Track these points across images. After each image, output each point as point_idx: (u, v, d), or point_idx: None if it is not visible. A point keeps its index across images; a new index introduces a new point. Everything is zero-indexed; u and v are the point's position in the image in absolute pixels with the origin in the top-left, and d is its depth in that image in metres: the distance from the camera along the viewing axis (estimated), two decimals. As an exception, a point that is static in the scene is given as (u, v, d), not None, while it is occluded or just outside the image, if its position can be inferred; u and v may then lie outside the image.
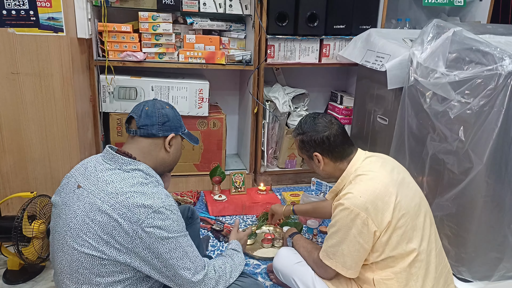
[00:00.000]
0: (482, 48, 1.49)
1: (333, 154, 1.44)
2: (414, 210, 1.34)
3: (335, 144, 1.42)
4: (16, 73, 1.90)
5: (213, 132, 2.58)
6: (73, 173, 1.24)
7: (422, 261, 1.33)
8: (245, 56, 2.49)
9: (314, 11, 2.47)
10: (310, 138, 1.44)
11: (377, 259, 1.34)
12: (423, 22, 2.86)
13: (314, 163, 1.48)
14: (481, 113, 1.46)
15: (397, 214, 1.30)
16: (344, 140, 1.44)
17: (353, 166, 1.42)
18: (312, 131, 1.44)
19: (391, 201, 1.30)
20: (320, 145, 1.43)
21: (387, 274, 1.34)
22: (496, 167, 1.48)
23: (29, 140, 2.00)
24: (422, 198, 1.42)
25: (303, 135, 1.46)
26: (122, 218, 1.09)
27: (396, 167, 1.44)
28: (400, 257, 1.32)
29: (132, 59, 2.33)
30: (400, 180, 1.37)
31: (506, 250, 1.59)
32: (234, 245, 1.46)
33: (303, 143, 1.47)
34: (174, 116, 1.32)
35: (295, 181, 2.88)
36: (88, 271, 1.11)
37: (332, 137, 1.42)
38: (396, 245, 1.31)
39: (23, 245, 1.66)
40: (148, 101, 1.31)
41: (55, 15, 1.89)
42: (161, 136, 1.27)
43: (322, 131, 1.43)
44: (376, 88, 2.27)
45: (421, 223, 1.35)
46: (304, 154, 1.50)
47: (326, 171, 1.47)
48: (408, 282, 1.33)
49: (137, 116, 1.26)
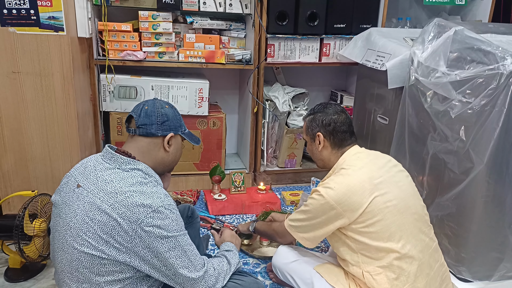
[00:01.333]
0: (483, 47, 1.48)
1: (333, 139, 1.52)
2: (398, 207, 1.36)
3: (339, 130, 1.51)
4: (17, 72, 1.90)
5: (213, 132, 2.58)
6: (72, 172, 1.24)
7: (412, 258, 1.34)
8: (245, 56, 2.49)
9: (314, 10, 2.47)
10: (319, 118, 1.54)
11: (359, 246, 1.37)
12: (424, 21, 2.86)
13: (315, 144, 1.56)
14: (482, 113, 1.46)
15: (371, 209, 1.33)
16: (348, 130, 1.53)
17: (343, 159, 1.49)
18: (322, 112, 1.55)
19: (365, 196, 1.34)
20: (325, 126, 1.52)
21: (374, 268, 1.36)
22: (497, 167, 1.48)
23: (30, 139, 2.00)
24: (414, 198, 1.43)
25: (313, 115, 1.57)
26: (121, 218, 1.09)
27: (388, 165, 1.46)
28: (383, 250, 1.34)
29: (132, 58, 2.33)
30: (385, 178, 1.40)
31: (506, 250, 1.58)
32: (225, 246, 1.47)
33: (310, 122, 1.57)
34: (174, 116, 1.32)
35: (294, 180, 2.88)
36: (88, 270, 1.12)
37: (338, 122, 1.51)
38: (375, 237, 1.34)
39: (24, 243, 1.66)
40: (148, 101, 1.31)
41: (55, 14, 1.89)
42: (160, 136, 1.27)
43: (331, 114, 1.53)
44: (377, 87, 2.27)
45: (406, 220, 1.36)
46: (309, 134, 1.58)
47: (323, 155, 1.55)
48: (398, 277, 1.34)
49: (137, 115, 1.26)
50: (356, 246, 1.38)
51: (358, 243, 1.37)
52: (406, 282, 1.34)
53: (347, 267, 1.44)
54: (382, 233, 1.34)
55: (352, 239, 1.38)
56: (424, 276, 1.36)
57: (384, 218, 1.34)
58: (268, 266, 1.86)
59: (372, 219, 1.34)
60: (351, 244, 1.39)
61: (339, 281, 1.44)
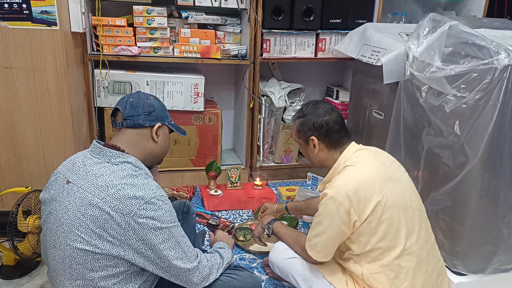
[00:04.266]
0: (478, 42, 1.48)
1: (329, 140, 1.46)
2: (402, 204, 1.35)
3: (333, 130, 1.45)
4: (9, 68, 1.89)
5: (208, 127, 2.58)
6: (60, 169, 1.23)
7: (412, 255, 1.34)
8: (240, 51, 2.48)
9: (310, 5, 2.46)
10: (310, 121, 1.47)
11: (364, 250, 1.35)
12: (419, 16, 2.86)
13: (310, 148, 1.50)
14: (476, 107, 1.46)
15: (381, 207, 1.31)
16: (342, 128, 1.47)
17: (344, 157, 1.44)
18: (312, 114, 1.47)
19: (375, 192, 1.31)
20: (318, 129, 1.45)
21: (374, 267, 1.35)
22: (491, 161, 1.49)
23: (23, 135, 1.98)
24: (414, 193, 1.43)
25: (303, 118, 1.49)
26: (114, 211, 1.08)
27: (388, 161, 1.45)
28: (387, 249, 1.33)
29: (126, 53, 2.31)
30: (389, 174, 1.38)
31: (500, 243, 1.59)
32: (217, 245, 1.46)
33: (302, 126, 1.49)
34: (160, 107, 1.31)
35: (291, 176, 2.88)
36: (81, 266, 1.11)
37: (331, 123, 1.45)
38: (382, 236, 1.32)
39: (18, 240, 1.65)
40: (132, 94, 1.31)
41: (48, 9, 1.87)
42: (147, 126, 1.27)
43: (322, 115, 1.46)
44: (372, 82, 2.27)
45: (410, 217, 1.36)
46: (301, 138, 1.52)
47: (320, 157, 1.49)
48: (397, 275, 1.34)
49: (123, 108, 1.25)
50: (360, 249, 1.36)
51: (363, 245, 1.35)
52: (405, 280, 1.34)
53: (345, 264, 1.44)
54: (389, 232, 1.32)
55: (357, 242, 1.35)
56: (422, 273, 1.36)
57: (392, 216, 1.32)
58: (264, 261, 1.87)
59: (381, 218, 1.31)
60: (355, 247, 1.37)
61: (336, 278, 1.44)
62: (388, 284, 1.34)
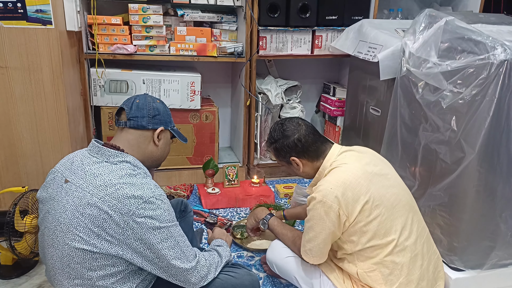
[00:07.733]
0: (474, 37, 1.48)
1: (308, 154, 1.46)
2: (391, 201, 1.35)
3: (308, 144, 1.45)
4: (5, 67, 1.87)
5: (205, 125, 2.57)
6: (58, 168, 1.23)
7: (405, 250, 1.34)
8: (236, 48, 2.47)
9: (305, 2, 2.46)
10: (282, 144, 1.47)
11: (356, 249, 1.36)
12: (415, 12, 2.86)
13: (294, 167, 1.51)
14: (473, 103, 1.46)
15: (369, 206, 1.31)
16: (316, 138, 1.47)
17: (328, 160, 1.44)
18: (282, 137, 1.48)
19: (362, 193, 1.32)
20: (293, 148, 1.46)
21: (368, 266, 1.36)
22: (488, 157, 1.49)
23: (19, 135, 1.97)
24: (402, 189, 1.43)
25: (275, 143, 1.50)
26: (113, 210, 1.08)
27: (374, 159, 1.46)
28: (379, 247, 1.34)
29: (122, 52, 2.30)
30: (376, 172, 1.38)
31: (498, 239, 1.60)
32: (215, 242, 1.46)
33: (277, 151, 1.51)
34: (165, 111, 1.33)
35: (288, 173, 2.88)
36: (79, 266, 1.11)
37: (302, 138, 1.45)
38: (373, 235, 1.33)
39: (15, 240, 1.64)
40: (140, 95, 1.32)
41: (43, 8, 1.85)
42: (150, 129, 1.28)
43: (291, 135, 1.46)
44: (369, 79, 2.27)
45: (400, 213, 1.36)
46: (282, 160, 1.53)
47: (306, 172, 1.50)
48: (392, 272, 1.34)
49: (128, 108, 1.26)
50: (352, 248, 1.37)
51: (354, 245, 1.35)
52: (400, 276, 1.34)
53: (340, 264, 1.45)
54: (379, 230, 1.33)
55: (349, 242, 1.36)
56: (417, 268, 1.37)
57: (381, 214, 1.32)
58: (262, 258, 1.87)
59: (369, 217, 1.32)
60: (347, 246, 1.38)
61: (333, 276, 1.45)
62: (383, 281, 1.34)
